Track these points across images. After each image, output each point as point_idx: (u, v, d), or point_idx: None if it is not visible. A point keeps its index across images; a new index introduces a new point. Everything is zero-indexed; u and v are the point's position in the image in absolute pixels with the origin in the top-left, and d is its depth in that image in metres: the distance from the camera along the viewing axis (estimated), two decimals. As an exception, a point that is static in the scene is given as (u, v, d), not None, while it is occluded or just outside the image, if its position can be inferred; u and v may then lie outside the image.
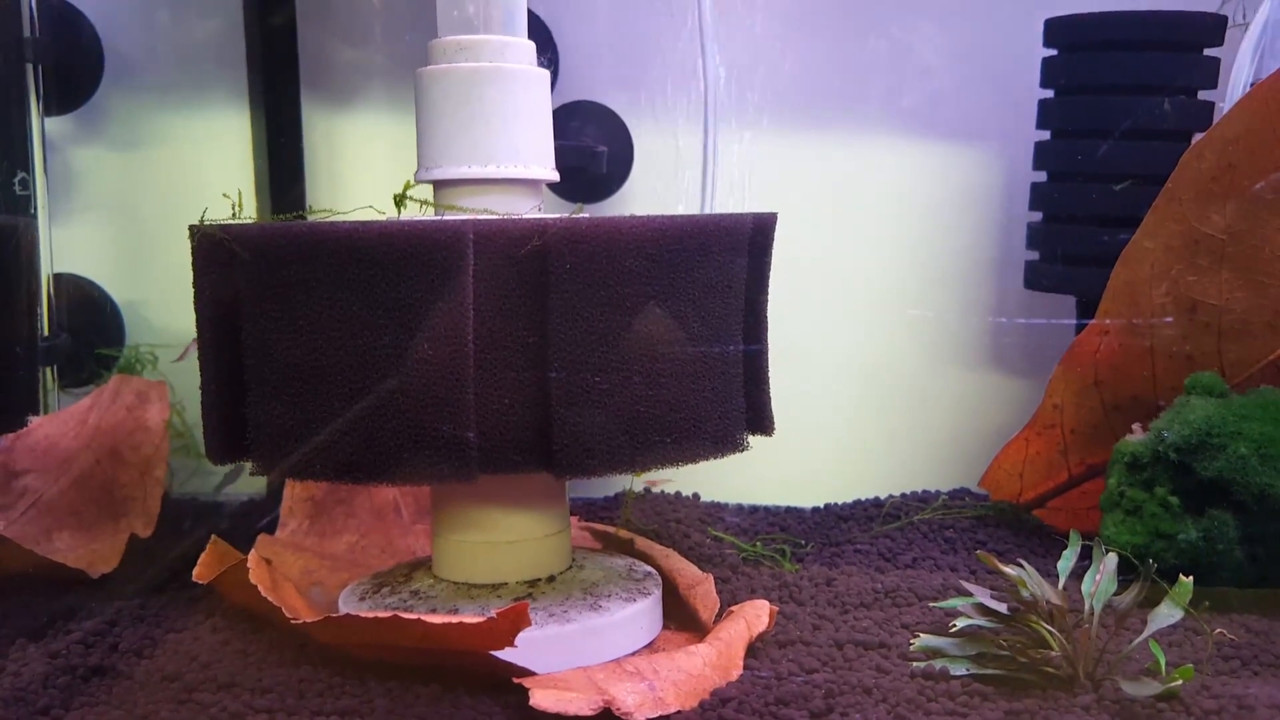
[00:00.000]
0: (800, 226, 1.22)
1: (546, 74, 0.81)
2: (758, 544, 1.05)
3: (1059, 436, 1.08)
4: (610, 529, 0.99)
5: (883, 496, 1.21)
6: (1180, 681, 0.64)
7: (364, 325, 0.66)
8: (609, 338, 0.67)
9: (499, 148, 0.78)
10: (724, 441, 0.73)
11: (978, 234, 1.22)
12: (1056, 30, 1.08)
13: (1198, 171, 0.96)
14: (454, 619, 0.63)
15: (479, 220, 0.67)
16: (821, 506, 1.22)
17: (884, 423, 1.26)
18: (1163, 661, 0.66)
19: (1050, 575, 0.86)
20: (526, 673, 0.66)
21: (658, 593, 0.82)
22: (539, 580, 0.81)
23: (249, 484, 1.24)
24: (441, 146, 0.79)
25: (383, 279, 0.65)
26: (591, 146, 1.12)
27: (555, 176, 0.82)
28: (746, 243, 0.74)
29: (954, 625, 0.70)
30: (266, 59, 1.17)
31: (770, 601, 0.87)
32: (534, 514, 0.80)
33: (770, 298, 1.21)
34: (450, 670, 0.68)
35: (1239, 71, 1.07)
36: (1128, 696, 0.64)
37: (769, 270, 0.80)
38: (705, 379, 0.70)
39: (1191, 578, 0.69)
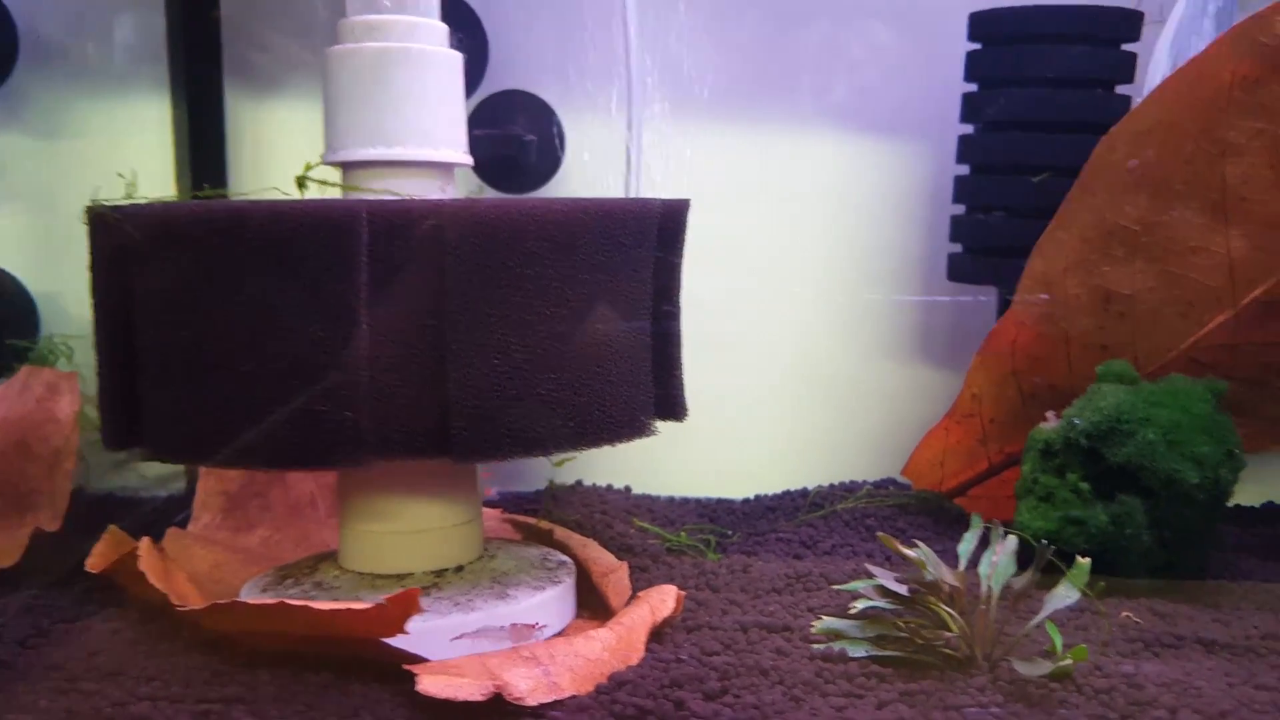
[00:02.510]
0: (731, 219, 1.23)
1: (459, 56, 0.80)
2: (682, 534, 1.05)
3: (978, 425, 1.09)
4: (531, 520, 0.98)
5: (811, 487, 1.21)
6: (1072, 661, 0.64)
7: (255, 307, 0.65)
8: (509, 320, 0.66)
9: (407, 129, 0.76)
10: (630, 426, 0.72)
11: (908, 227, 1.23)
12: (979, 24, 1.09)
13: (1110, 163, 0.97)
14: (341, 605, 0.62)
15: (374, 201, 0.65)
16: (752, 498, 1.22)
17: (815, 415, 1.26)
18: (1059, 642, 0.66)
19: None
20: (418, 659, 0.64)
21: (570, 581, 0.82)
22: (446, 570, 0.80)
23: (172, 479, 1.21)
24: (348, 128, 0.77)
25: (274, 259, 0.64)
26: (520, 135, 1.11)
27: (468, 160, 0.81)
28: (655, 228, 0.73)
29: (853, 608, 0.70)
30: (188, 47, 1.15)
31: (686, 589, 0.86)
32: (441, 503, 0.79)
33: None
34: (347, 660, 0.67)
35: (1156, 66, 1.08)
36: (1020, 676, 0.64)
37: (681, 257, 0.80)
38: (610, 363, 0.70)
39: (1089, 559, 0.70)
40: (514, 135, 1.09)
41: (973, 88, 1.11)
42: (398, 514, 0.79)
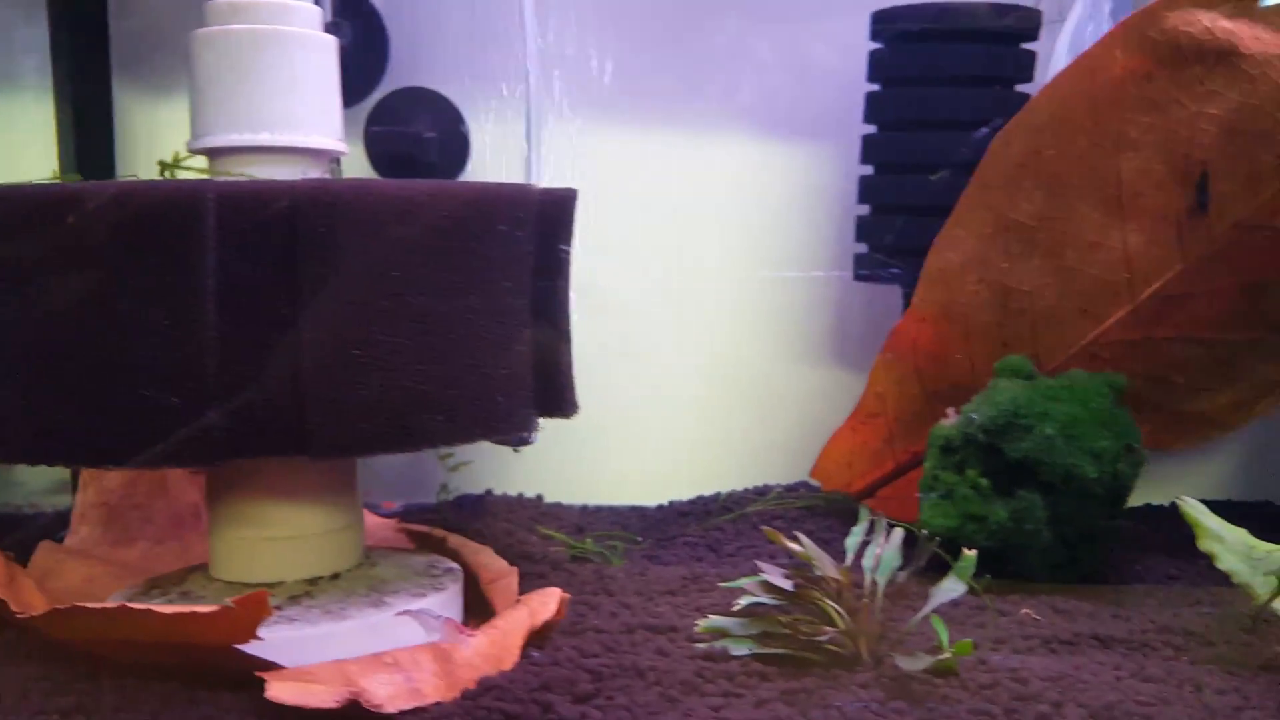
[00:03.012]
0: (644, 221, 1.21)
1: (333, 41, 0.77)
2: (588, 540, 1.02)
3: (884, 425, 1.08)
4: (425, 529, 0.94)
5: (725, 491, 1.19)
6: (955, 656, 0.62)
7: (97, 295, 0.61)
8: (370, 309, 0.63)
9: (275, 114, 0.73)
10: (507, 422, 0.69)
11: (817, 228, 1.22)
12: (881, 23, 1.08)
13: (1006, 159, 0.97)
14: (185, 609, 0.57)
15: (223, 182, 0.62)
16: (666, 504, 1.20)
17: (730, 419, 1.24)
18: (944, 636, 0.64)
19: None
20: (272, 666, 0.60)
21: (454, 588, 0.78)
22: (320, 578, 0.76)
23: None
24: (214, 113, 0.74)
25: (116, 243, 0.60)
26: (420, 132, 1.08)
27: (342, 148, 0.77)
28: (533, 217, 0.70)
29: (737, 604, 0.67)
30: (74, 45, 1.11)
31: (583, 594, 0.83)
32: (316, 508, 0.75)
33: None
34: (200, 669, 0.63)
35: (1056, 64, 1.08)
36: (903, 672, 0.61)
37: (568, 250, 0.77)
38: (485, 355, 0.66)
39: (975, 552, 0.68)
40: (413, 132, 1.06)
41: (875, 87, 1.10)
42: (269, 519, 0.75)
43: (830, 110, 1.19)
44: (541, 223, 0.72)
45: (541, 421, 1.08)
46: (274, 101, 0.73)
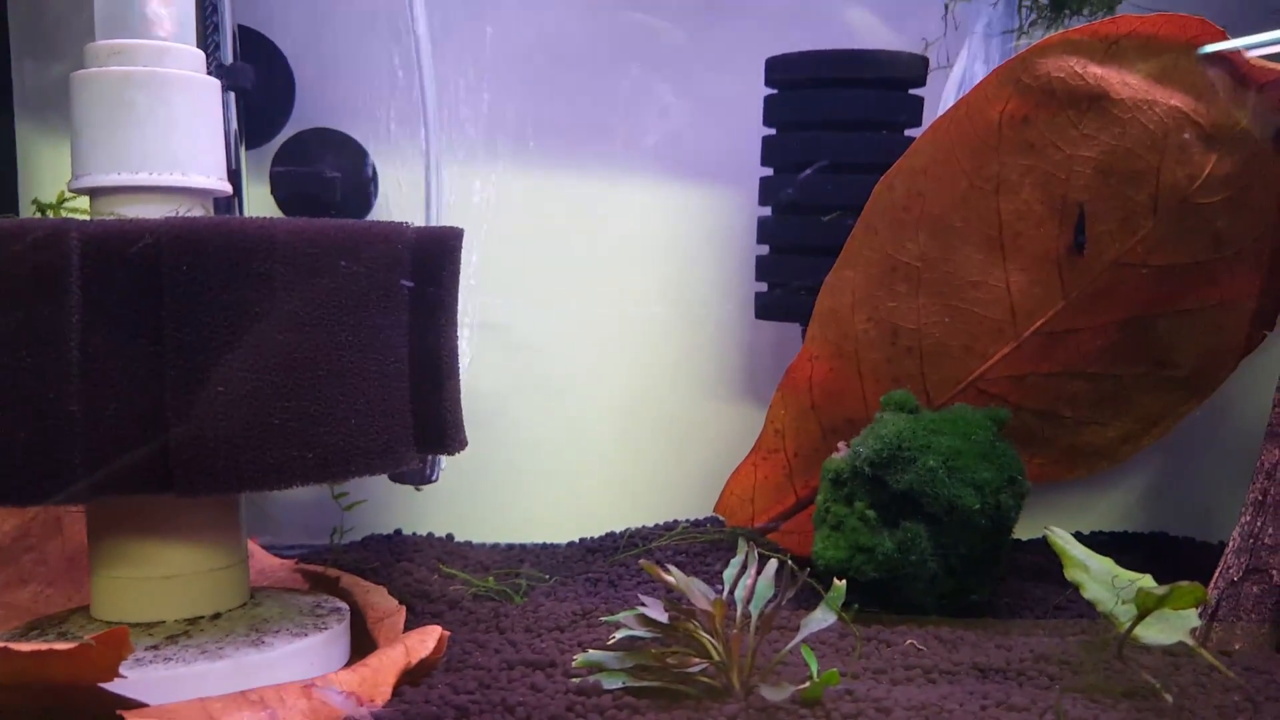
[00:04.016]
0: (556, 261, 1.21)
1: (215, 83, 0.77)
2: (489, 579, 1.01)
3: (783, 460, 1.08)
4: (320, 569, 0.93)
5: (635, 527, 1.19)
6: (821, 685, 0.62)
7: (-44, 333, 0.59)
8: (234, 345, 0.62)
9: (152, 155, 0.72)
10: (381, 458, 0.68)
11: (726, 268, 1.23)
12: (775, 69, 1.10)
13: (890, 202, 0.98)
14: (43, 646, 0.56)
15: (87, 221, 0.61)
16: (576, 540, 1.19)
17: (643, 455, 1.24)
18: (814, 666, 0.64)
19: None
20: (135, 704, 0.59)
21: (339, 627, 0.77)
22: (201, 617, 0.74)
23: None
24: (93, 153, 0.73)
25: (-24, 282, 0.59)
26: (322, 172, 1.07)
27: (224, 188, 0.77)
28: (407, 254, 0.70)
29: (613, 638, 0.66)
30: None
31: (476, 631, 0.82)
32: (197, 547, 0.74)
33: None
34: (67, 708, 0.61)
35: (944, 108, 1.11)
36: (769, 703, 0.61)
37: (452, 287, 0.77)
38: (353, 392, 0.66)
39: (844, 583, 0.68)
40: (315, 172, 1.05)
41: (771, 131, 1.12)
42: (148, 558, 0.73)
43: (733, 153, 1.20)
44: (420, 261, 0.72)
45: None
46: (152, 142, 0.72)
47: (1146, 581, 0.68)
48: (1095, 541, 1.22)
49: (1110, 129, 0.93)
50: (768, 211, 1.14)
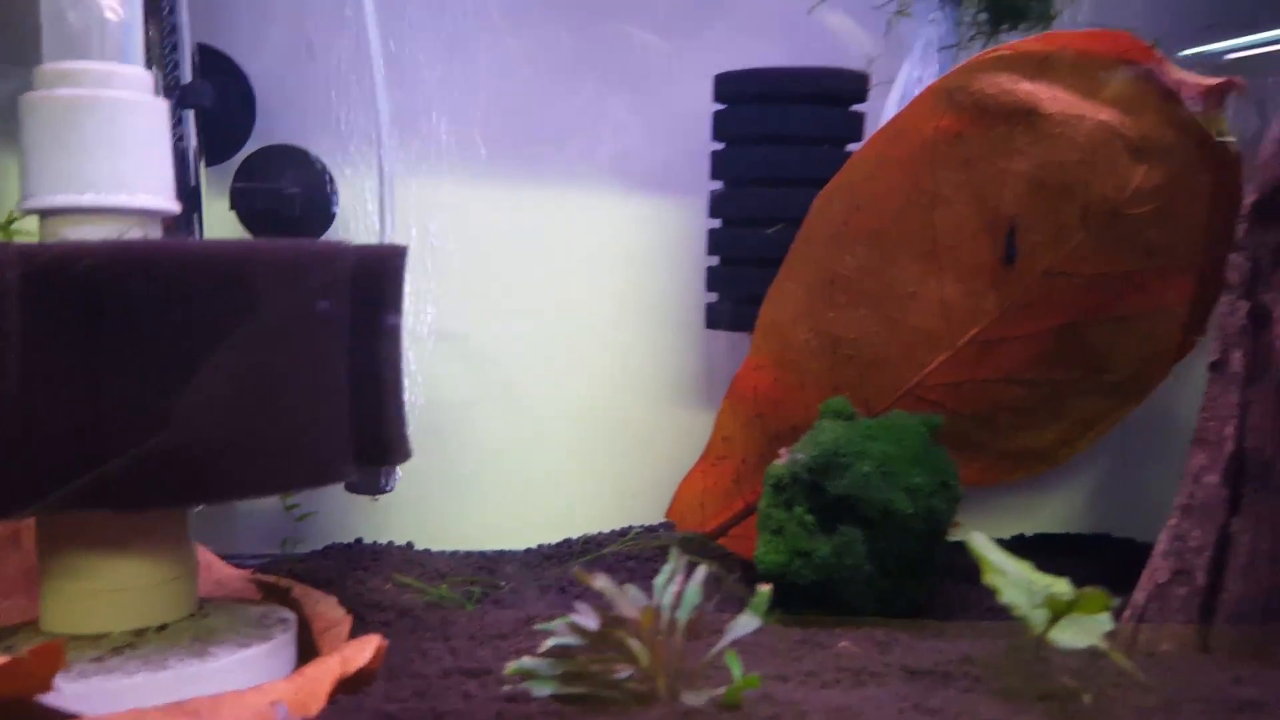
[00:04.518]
0: (513, 274, 1.22)
1: (163, 104, 0.78)
2: (443, 587, 1.02)
3: (732, 467, 1.10)
4: (273, 579, 0.93)
5: (591, 534, 1.20)
6: (742, 689, 0.63)
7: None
8: (172, 365, 0.63)
9: (99, 176, 0.73)
10: (321, 472, 0.69)
11: (680, 278, 1.24)
12: (723, 85, 1.12)
13: (828, 216, 1.00)
14: (-30, 664, 0.56)
15: (26, 244, 0.62)
16: (534, 547, 1.20)
17: (601, 463, 1.25)
18: (737, 671, 0.66)
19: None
20: (69, 716, 0.60)
21: (285, 637, 0.78)
22: (148, 629, 0.75)
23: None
24: (42, 175, 0.74)
25: (-87, 305, 0.60)
26: (281, 188, 1.08)
27: (173, 207, 0.78)
28: (347, 273, 0.71)
29: (543, 646, 0.68)
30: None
31: (423, 639, 0.83)
32: (143, 560, 0.74)
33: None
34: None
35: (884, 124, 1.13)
36: (689, 707, 0.63)
37: (395, 303, 0.78)
38: (290, 407, 0.67)
39: (769, 587, 0.69)
40: (273, 188, 1.06)
41: (719, 146, 1.14)
42: (95, 571, 0.74)
43: (686, 166, 1.22)
44: (362, 278, 0.73)
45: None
46: (98, 163, 0.73)
47: (1061, 585, 0.70)
48: (1040, 543, 1.24)
49: (1041, 143, 0.95)
50: (718, 223, 1.15)
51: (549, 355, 1.23)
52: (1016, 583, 0.70)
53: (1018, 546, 1.23)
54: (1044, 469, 1.09)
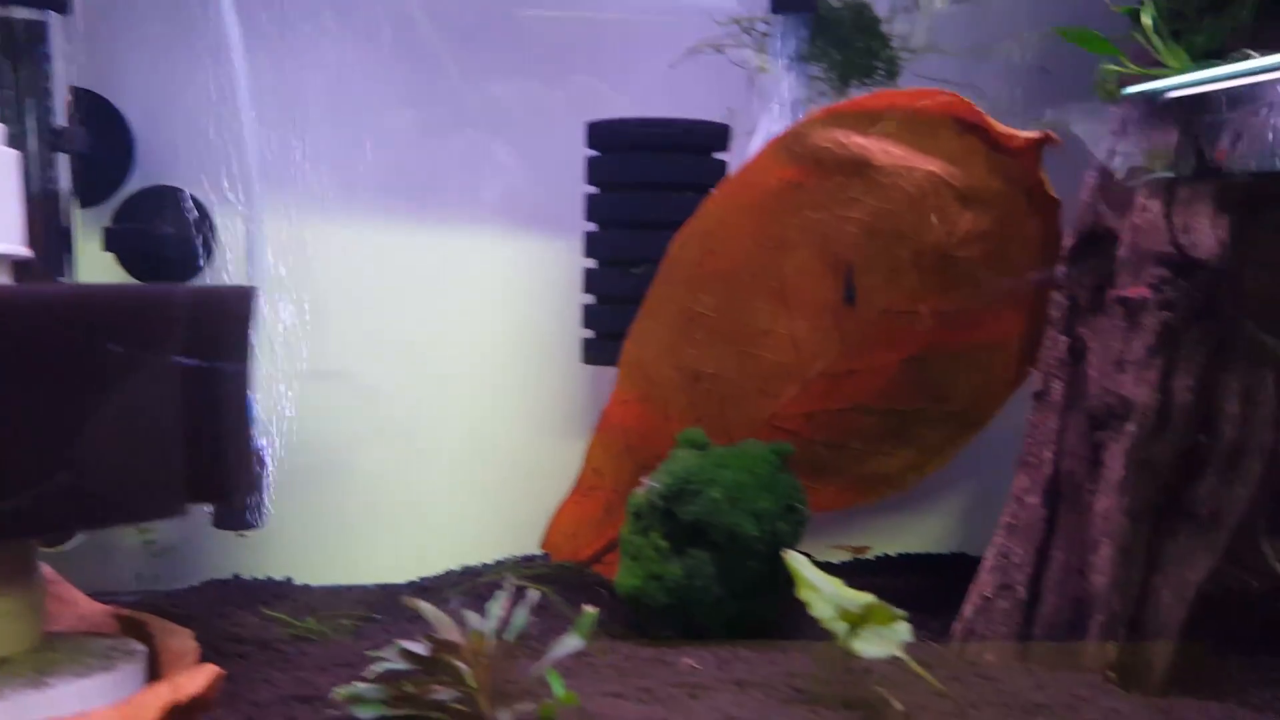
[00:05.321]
0: (398, 313, 1.24)
1: (15, 154, 0.79)
2: (309, 620, 1.02)
3: (603, 497, 1.12)
4: (130, 613, 0.93)
5: (474, 565, 1.21)
6: (560, 704, 0.65)
7: None
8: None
9: (-57, 221, 0.74)
10: (143, 509, 0.71)
11: (560, 316, 1.27)
12: (594, 133, 1.16)
13: (684, 259, 1.04)
14: None
15: None
16: (417, 580, 1.20)
17: (485, 497, 1.26)
18: (558, 689, 0.68)
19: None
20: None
21: (130, 668, 0.77)
22: (-11, 662, 0.74)
23: None
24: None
25: None
26: (151, 230, 1.09)
27: (21, 252, 0.78)
28: (183, 316, 0.73)
29: (370, 672, 0.69)
30: None
31: (274, 669, 0.84)
32: (-13, 595, 0.74)
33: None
34: None
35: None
36: (505, 724, 0.64)
37: (238, 344, 0.79)
38: (116, 448, 0.68)
39: (596, 609, 0.72)
40: (145, 229, 1.07)
41: (593, 190, 1.17)
42: (-62, 607, 0.73)
43: (564, 208, 1.25)
44: (201, 320, 0.75)
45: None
46: (-56, 208, 0.74)
47: (864, 599, 0.73)
48: (903, 563, 1.28)
49: (874, 193, 1.00)
50: (593, 263, 1.19)
51: (431, 392, 1.24)
52: (826, 598, 0.73)
53: (883, 566, 1.28)
54: (893, 492, 1.14)
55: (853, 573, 1.23)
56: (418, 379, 1.24)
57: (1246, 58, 0.86)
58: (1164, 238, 0.89)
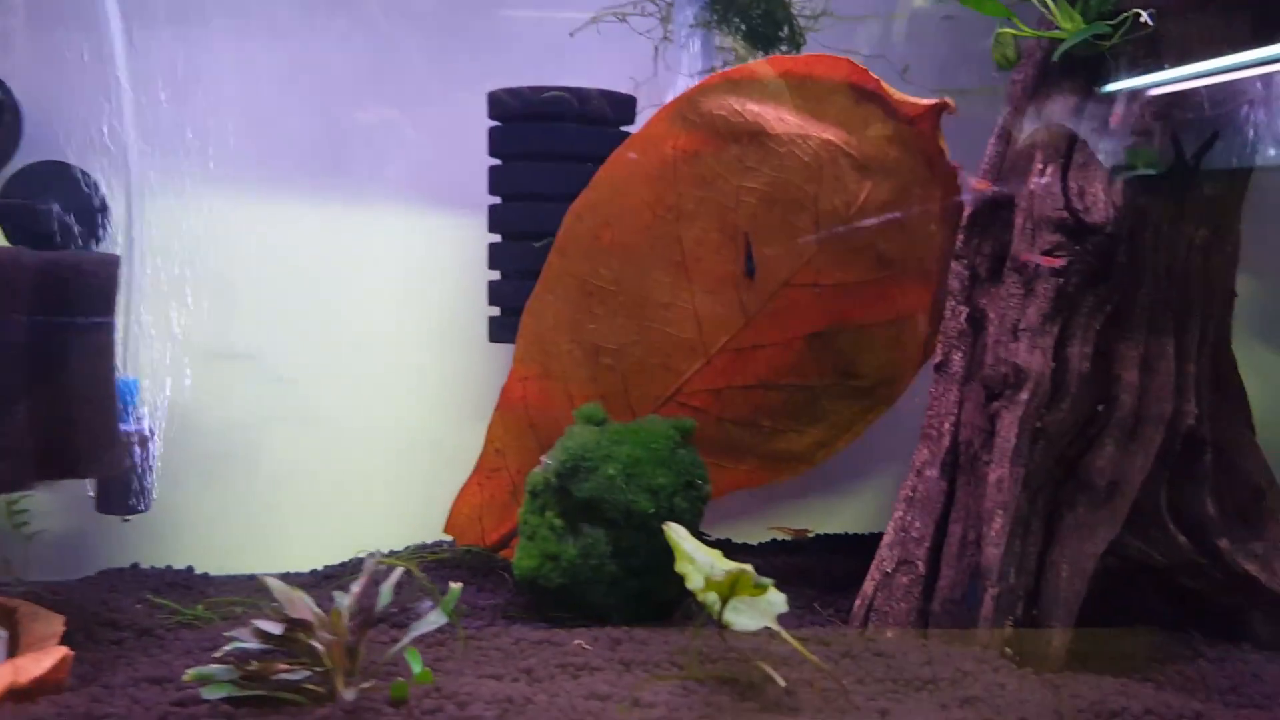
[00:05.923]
0: (303, 291, 1.20)
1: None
2: (199, 608, 0.98)
3: (507, 479, 1.09)
4: (3, 599, 0.89)
5: (381, 551, 1.18)
6: (400, 685, 0.62)
7: None
8: None
9: None
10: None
11: (467, 293, 1.23)
12: (495, 104, 1.12)
13: (580, 231, 1.01)
14: None
15: None
16: (320, 569, 1.17)
17: (392, 481, 1.23)
18: (418, 667, 0.65)
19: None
20: None
21: (-10, 654, 0.74)
22: None
23: None
24: None
25: None
26: (36, 204, 1.05)
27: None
28: (26, 283, 0.69)
29: (220, 651, 0.66)
30: None
31: (149, 654, 0.81)
32: None
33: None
34: None
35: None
36: (350, 703, 0.61)
37: (97, 313, 0.76)
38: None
39: (459, 586, 0.69)
40: (28, 205, 1.03)
41: (496, 162, 1.14)
42: None
43: (470, 183, 1.21)
44: (49, 288, 0.71)
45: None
46: None
47: (732, 567, 0.71)
48: (829, 543, 1.26)
49: (770, 161, 0.97)
50: (496, 238, 1.15)
51: (337, 374, 1.21)
52: (702, 569, 0.71)
53: (806, 546, 1.25)
54: (804, 469, 1.11)
55: (778, 553, 1.21)
56: (324, 361, 1.21)
57: (1138, 17, 0.84)
58: (1059, 203, 0.87)
